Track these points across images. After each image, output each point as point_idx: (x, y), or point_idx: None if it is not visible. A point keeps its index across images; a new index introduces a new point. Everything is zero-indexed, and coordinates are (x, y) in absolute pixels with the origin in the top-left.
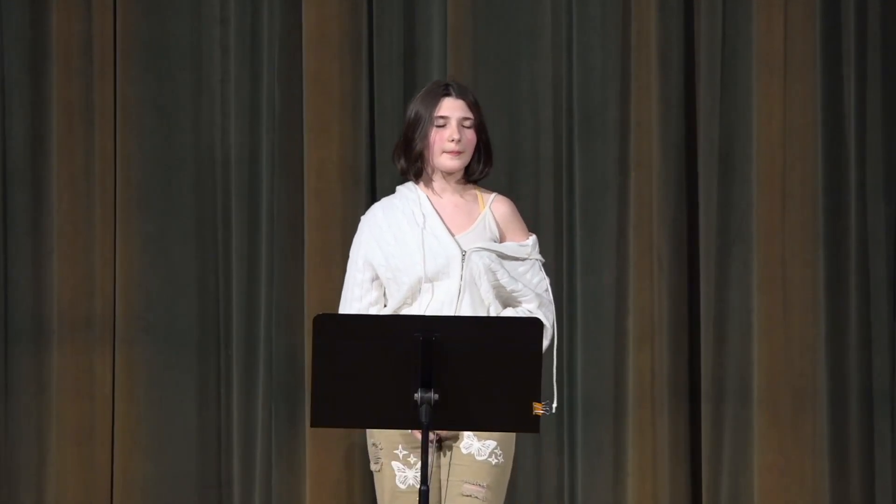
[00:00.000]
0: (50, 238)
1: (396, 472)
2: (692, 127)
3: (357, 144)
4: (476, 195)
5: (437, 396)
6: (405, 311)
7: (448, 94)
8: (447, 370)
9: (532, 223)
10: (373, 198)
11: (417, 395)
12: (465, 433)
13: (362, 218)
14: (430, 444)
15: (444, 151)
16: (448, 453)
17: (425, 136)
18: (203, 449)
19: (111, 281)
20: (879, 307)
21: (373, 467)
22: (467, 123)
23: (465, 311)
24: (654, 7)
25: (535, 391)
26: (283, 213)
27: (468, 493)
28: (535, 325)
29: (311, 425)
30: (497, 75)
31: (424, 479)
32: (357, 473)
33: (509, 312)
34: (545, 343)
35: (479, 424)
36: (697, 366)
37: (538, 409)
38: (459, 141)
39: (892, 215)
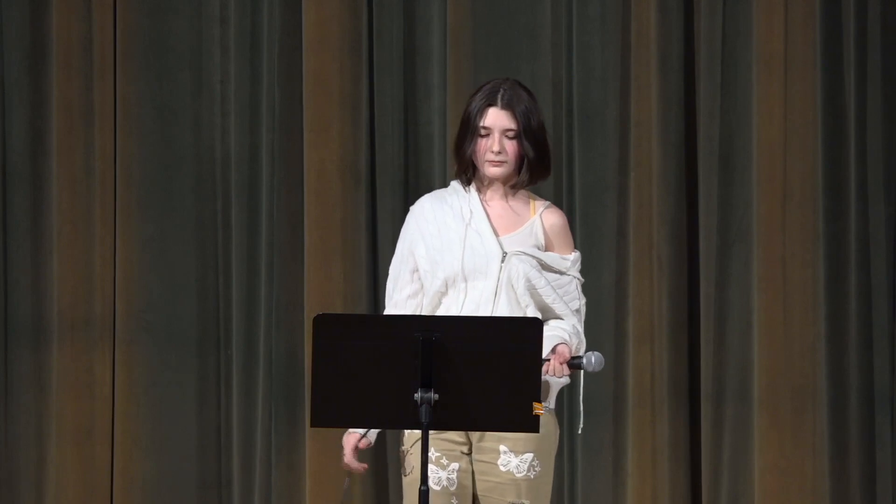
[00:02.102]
0: (50, 238)
1: (430, 475)
2: (692, 127)
3: (357, 144)
4: (528, 201)
5: (437, 396)
6: (440, 310)
7: (493, 105)
8: (447, 370)
9: None
10: (373, 198)
11: (417, 395)
12: (501, 448)
13: (411, 208)
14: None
15: (486, 161)
16: (483, 467)
17: (472, 144)
18: (203, 449)
19: (111, 281)
20: (879, 307)
21: (404, 473)
22: (510, 134)
23: (502, 313)
24: (654, 7)
25: (535, 391)
26: (283, 213)
27: None
28: (535, 325)
29: (311, 425)
30: (497, 75)
31: (424, 479)
32: (357, 474)
33: (552, 324)
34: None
35: (479, 424)
36: (697, 366)
37: (538, 409)
38: (500, 152)
39: (892, 215)
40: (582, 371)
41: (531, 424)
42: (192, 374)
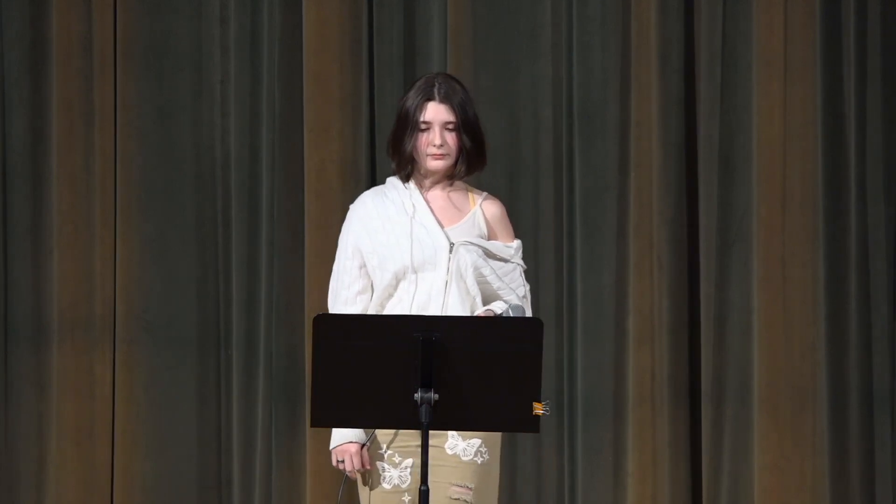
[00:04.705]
0: (50, 238)
1: (381, 473)
2: (692, 127)
3: (357, 144)
4: (466, 193)
5: (437, 396)
6: (391, 303)
7: (431, 99)
8: (447, 370)
9: (532, 223)
10: None
11: (417, 395)
12: (450, 432)
13: (351, 206)
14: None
15: (427, 155)
16: (432, 451)
17: (412, 139)
18: (203, 449)
19: (111, 281)
20: (879, 307)
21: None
22: (450, 126)
23: (453, 303)
24: (654, 7)
25: (535, 391)
26: (283, 213)
27: (456, 497)
28: (535, 325)
29: (311, 425)
30: (497, 75)
31: (424, 478)
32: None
33: (496, 306)
34: None
35: (480, 424)
36: (697, 366)
37: (538, 409)
38: (442, 146)
39: (893, 216)
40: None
41: (531, 424)
42: (192, 374)
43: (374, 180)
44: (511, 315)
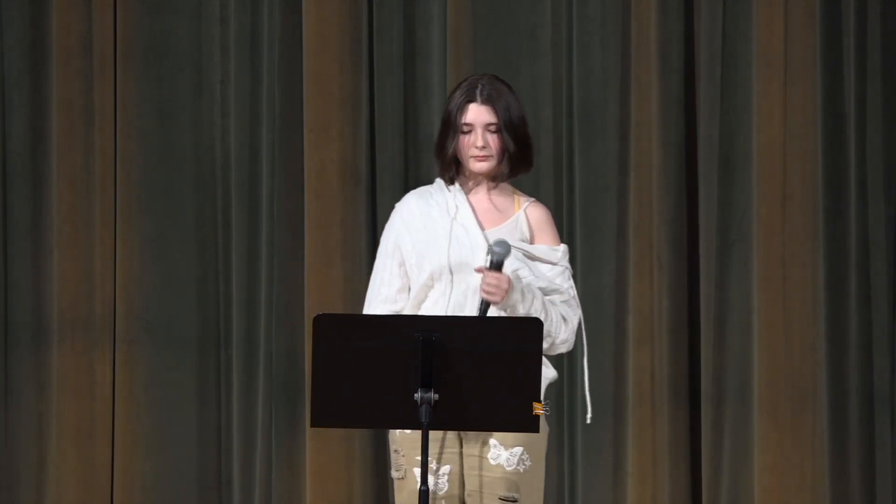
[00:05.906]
0: (50, 238)
1: (419, 479)
2: (692, 127)
3: (357, 144)
4: (513, 197)
5: (437, 396)
6: (426, 305)
7: (473, 100)
8: (447, 370)
9: None
10: (373, 198)
11: (417, 395)
12: (491, 441)
13: (396, 205)
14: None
15: (471, 157)
16: (473, 461)
17: (454, 142)
18: (203, 449)
19: (111, 281)
20: (879, 307)
21: (394, 474)
22: (492, 128)
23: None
24: (654, 7)
25: (535, 391)
26: (283, 213)
27: None
28: (535, 325)
29: (311, 425)
30: (497, 75)
31: (424, 479)
32: (357, 473)
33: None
34: (572, 340)
35: (480, 424)
36: (697, 366)
37: (538, 409)
38: (484, 147)
39: (893, 215)
40: (586, 362)
41: (531, 424)
42: (192, 374)
43: (375, 180)
44: (494, 250)
